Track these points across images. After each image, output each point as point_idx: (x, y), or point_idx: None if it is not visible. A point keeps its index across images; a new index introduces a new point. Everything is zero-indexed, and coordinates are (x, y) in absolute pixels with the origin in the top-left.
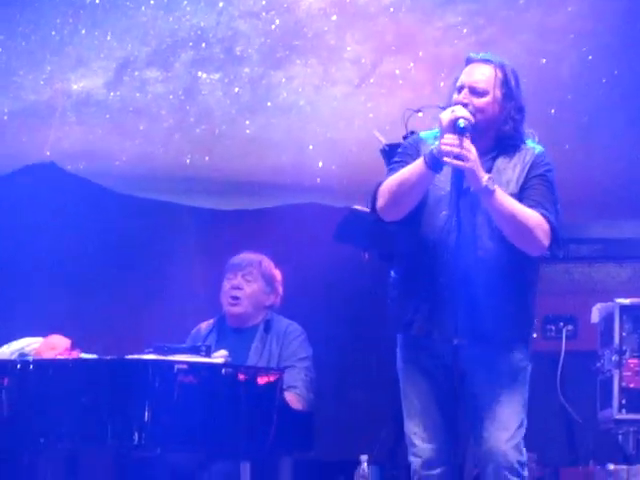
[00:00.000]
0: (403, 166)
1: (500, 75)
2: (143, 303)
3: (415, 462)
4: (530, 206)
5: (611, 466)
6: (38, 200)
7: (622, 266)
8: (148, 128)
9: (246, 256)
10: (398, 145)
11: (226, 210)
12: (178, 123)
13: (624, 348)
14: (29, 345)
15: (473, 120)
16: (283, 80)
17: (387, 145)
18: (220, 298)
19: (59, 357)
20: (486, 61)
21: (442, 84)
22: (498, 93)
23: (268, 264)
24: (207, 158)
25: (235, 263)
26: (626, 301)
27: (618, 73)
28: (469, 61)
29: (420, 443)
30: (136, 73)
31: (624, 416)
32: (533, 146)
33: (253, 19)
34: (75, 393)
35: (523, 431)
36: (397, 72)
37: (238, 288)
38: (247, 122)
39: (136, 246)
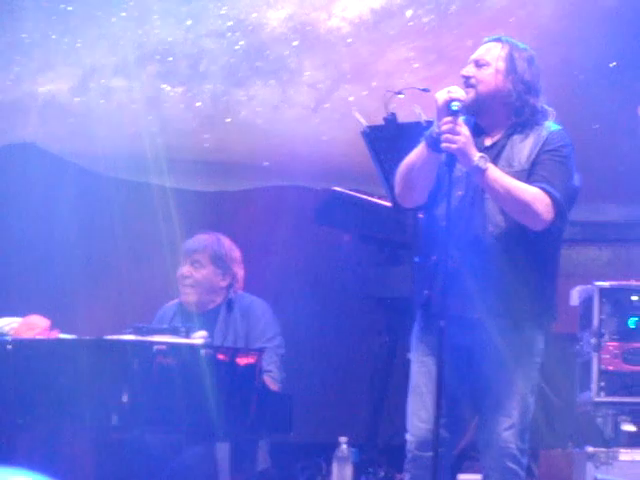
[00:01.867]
0: None
1: (505, 50)
2: (125, 284)
3: (410, 441)
4: (535, 181)
5: (590, 449)
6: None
7: (601, 249)
8: (110, 135)
9: (195, 240)
10: (379, 127)
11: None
12: (140, 132)
13: (603, 331)
14: (8, 325)
15: (467, 99)
16: (244, 98)
17: (368, 127)
18: None
19: (38, 337)
20: (495, 39)
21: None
22: (501, 65)
23: (218, 246)
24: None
25: (185, 249)
26: (605, 284)
27: None
28: (482, 43)
29: (417, 422)
30: (102, 81)
31: (603, 399)
32: (550, 125)
33: (219, 38)
34: (54, 373)
35: (528, 418)
36: (351, 99)
37: (187, 277)
38: (206, 136)
39: (117, 227)
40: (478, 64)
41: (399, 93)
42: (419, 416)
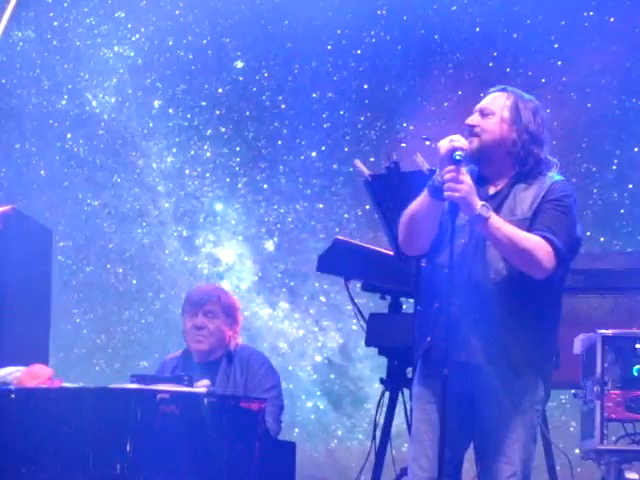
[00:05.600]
0: None
1: (510, 100)
2: None
3: None
4: (537, 230)
5: None
6: None
7: (604, 297)
8: None
9: (204, 291)
10: (381, 176)
11: None
12: None
13: (606, 379)
14: (11, 374)
15: (469, 150)
16: None
17: (370, 176)
18: (183, 334)
19: (41, 386)
20: (501, 90)
21: None
22: (506, 114)
23: (226, 295)
24: None
25: (195, 300)
26: (608, 332)
27: None
28: (488, 93)
29: (418, 470)
30: None
31: (606, 447)
32: (553, 175)
33: None
34: (57, 422)
35: (530, 465)
36: None
37: (202, 327)
38: None
39: None
40: (483, 113)
41: (427, 139)
42: (420, 464)
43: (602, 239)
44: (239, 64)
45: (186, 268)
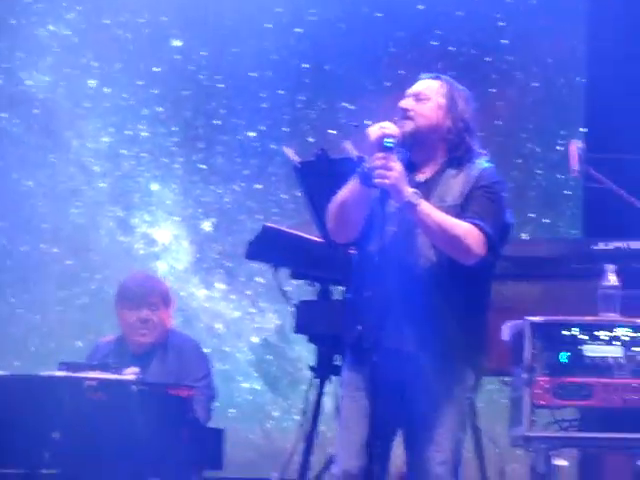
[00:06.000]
0: None
1: (445, 87)
2: None
3: (337, 475)
4: (467, 217)
5: None
6: None
7: (532, 284)
8: None
9: (143, 282)
10: (310, 163)
11: None
12: None
13: (534, 366)
14: None
15: (400, 134)
16: None
17: (299, 163)
18: (122, 326)
19: None
20: (435, 76)
21: None
22: (442, 100)
23: (161, 284)
24: None
25: (137, 293)
26: (536, 319)
27: None
28: (419, 79)
29: (345, 457)
30: None
31: (535, 434)
32: (482, 162)
33: None
34: None
35: (461, 453)
36: None
37: (147, 321)
38: None
39: None
40: (418, 98)
41: (356, 126)
42: (348, 450)
43: (546, 220)
44: (176, 43)
45: (121, 248)
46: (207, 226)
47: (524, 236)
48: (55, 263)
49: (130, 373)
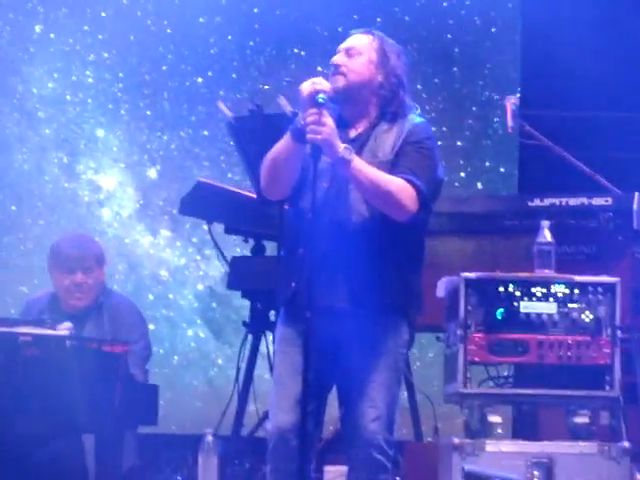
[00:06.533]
0: None
1: (377, 42)
2: None
3: (272, 432)
4: (399, 172)
5: (456, 440)
6: None
7: (467, 240)
8: None
9: (77, 245)
10: (244, 118)
11: None
12: None
13: (469, 322)
14: None
15: (332, 90)
16: None
17: (233, 118)
18: (55, 288)
19: None
20: (366, 31)
21: None
22: (373, 55)
23: (95, 245)
24: None
25: (71, 257)
26: (471, 275)
27: None
28: (350, 34)
29: (280, 412)
30: None
31: (469, 390)
32: (413, 117)
33: None
34: None
35: (395, 409)
36: None
37: (81, 284)
38: None
39: None
40: (349, 53)
41: (289, 81)
42: (281, 406)
43: (502, 169)
44: None
45: (66, 195)
46: (152, 173)
47: (480, 186)
48: None
49: (64, 329)
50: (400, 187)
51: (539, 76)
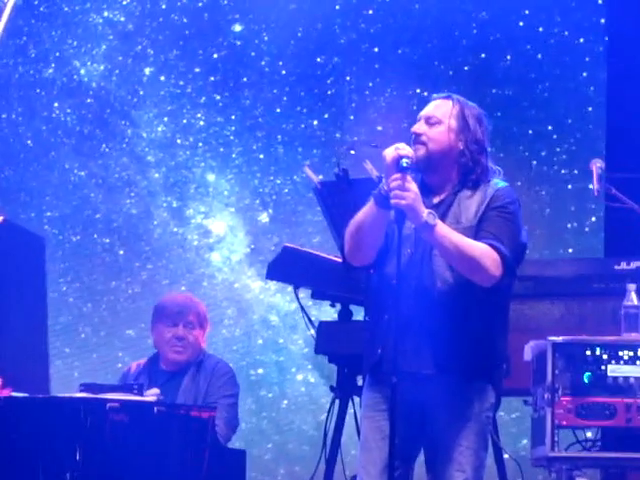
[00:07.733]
0: None
1: (457, 108)
2: None
3: None
4: (483, 237)
5: None
6: None
7: (554, 304)
8: None
9: (182, 302)
10: (331, 183)
11: None
12: None
13: (556, 386)
14: None
15: (414, 157)
16: None
17: (320, 183)
18: (157, 343)
19: None
20: (446, 97)
21: None
22: (453, 123)
23: (200, 306)
24: None
25: (175, 311)
26: (558, 339)
27: None
28: (431, 100)
29: (366, 478)
30: None
31: (557, 454)
32: (496, 182)
33: None
34: (5, 432)
35: (481, 473)
36: None
37: (183, 338)
38: None
39: None
40: (429, 122)
41: (351, 149)
42: (368, 471)
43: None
44: (237, 27)
45: (175, 239)
46: (264, 217)
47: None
48: (106, 253)
49: (152, 394)
50: (484, 252)
51: (624, 139)
